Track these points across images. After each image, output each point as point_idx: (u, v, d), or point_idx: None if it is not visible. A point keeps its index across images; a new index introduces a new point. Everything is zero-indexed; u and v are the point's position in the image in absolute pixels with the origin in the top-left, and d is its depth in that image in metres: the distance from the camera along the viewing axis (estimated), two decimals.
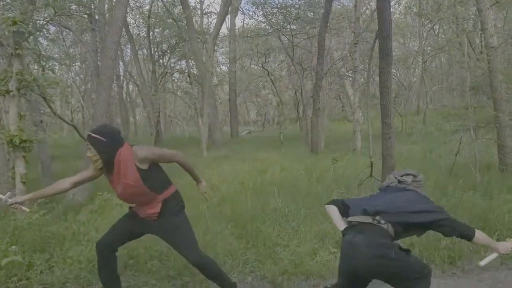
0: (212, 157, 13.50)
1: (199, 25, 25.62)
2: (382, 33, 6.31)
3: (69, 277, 4.17)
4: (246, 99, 38.76)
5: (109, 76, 8.59)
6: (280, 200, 6.23)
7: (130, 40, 21.71)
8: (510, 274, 4.16)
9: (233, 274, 4.24)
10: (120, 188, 3.25)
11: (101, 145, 3.16)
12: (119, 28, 8.61)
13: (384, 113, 6.56)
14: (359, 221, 2.90)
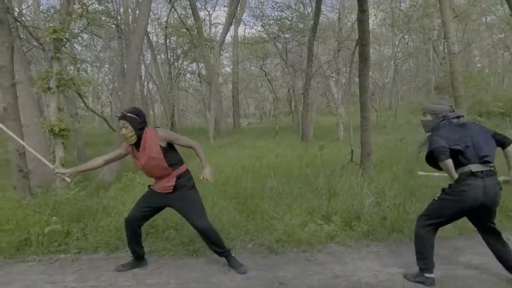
0: (217, 145, 13.48)
1: (208, 33, 25.41)
2: (361, 41, 6.27)
3: (100, 243, 4.20)
4: (246, 96, 38.58)
5: (133, 77, 8.54)
6: (275, 181, 6.20)
7: (150, 46, 21.55)
8: (466, 242, 4.19)
9: (236, 242, 4.26)
10: (144, 160, 3.33)
11: (136, 122, 3.30)
12: (142, 36, 8.54)
13: (362, 108, 6.54)
14: (482, 170, 3.01)
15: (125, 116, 3.29)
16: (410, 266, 3.63)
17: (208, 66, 17.92)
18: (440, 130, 3.13)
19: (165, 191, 3.44)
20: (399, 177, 6.12)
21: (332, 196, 5.36)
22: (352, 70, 9.86)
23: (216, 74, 16.72)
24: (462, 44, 21.27)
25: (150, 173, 3.46)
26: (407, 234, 4.32)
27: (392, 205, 4.90)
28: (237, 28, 24.79)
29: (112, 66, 27.02)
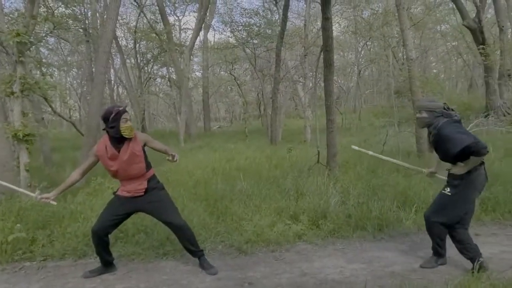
0: (188, 148, 13.33)
1: (177, 38, 25.14)
2: (325, 48, 6.37)
3: (67, 249, 4.04)
4: (217, 100, 38.33)
5: (101, 81, 8.31)
6: (245, 183, 6.20)
7: (119, 50, 21.05)
8: (424, 237, 4.28)
9: (207, 243, 4.20)
10: (126, 156, 3.34)
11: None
12: (110, 40, 8.32)
13: (328, 112, 6.64)
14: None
15: (127, 112, 3.39)
16: (373, 261, 3.70)
17: (178, 71, 17.72)
18: (451, 127, 3.21)
19: (136, 194, 3.41)
20: (363, 176, 6.25)
21: (299, 196, 5.40)
22: (318, 75, 10.02)
23: (186, 78, 16.55)
24: (419, 51, 22.05)
25: (126, 172, 3.39)
26: (370, 231, 4.41)
27: (356, 203, 4.99)
28: (206, 34, 24.62)
29: (80, 70, 26.23)
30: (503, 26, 13.45)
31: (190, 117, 18.35)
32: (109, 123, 3.33)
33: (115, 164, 3.37)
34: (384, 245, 4.16)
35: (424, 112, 3.35)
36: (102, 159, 3.40)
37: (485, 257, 3.56)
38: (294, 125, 23.04)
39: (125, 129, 3.33)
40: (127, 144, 3.38)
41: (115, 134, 3.34)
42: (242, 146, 12.73)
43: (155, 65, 23.54)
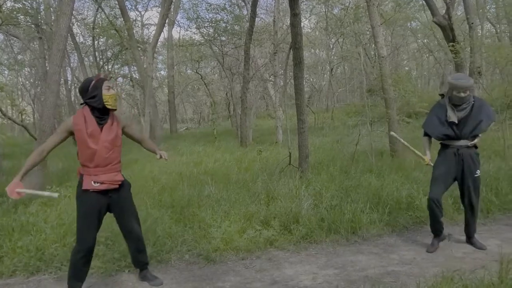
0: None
1: (139, 35, 24.72)
2: (295, 45, 6.42)
3: (18, 265, 3.86)
4: (183, 100, 38.00)
5: (56, 81, 8.02)
6: (213, 188, 6.16)
7: (76, 48, 20.45)
8: (398, 239, 4.41)
9: (172, 253, 4.13)
10: (112, 136, 3.09)
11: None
12: (64, 37, 8.06)
13: (298, 111, 6.69)
14: None
15: (109, 80, 3.17)
16: (346, 266, 3.75)
17: (141, 70, 17.39)
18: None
19: (112, 187, 3.12)
20: (336, 178, 6.33)
21: (270, 200, 5.41)
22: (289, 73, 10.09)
23: (149, 77, 16.25)
24: (390, 48, 22.67)
25: (105, 156, 3.06)
26: (343, 235, 4.48)
27: (329, 206, 5.04)
28: (171, 30, 24.35)
29: (33, 69, 25.33)
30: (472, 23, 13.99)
31: (155, 119, 18.05)
32: (89, 93, 3.04)
33: (98, 143, 3.03)
34: (358, 248, 4.23)
35: (468, 90, 3.76)
36: (80, 135, 3.01)
37: (458, 257, 3.70)
38: (265, 125, 23.14)
39: (108, 98, 3.05)
40: (111, 121, 3.11)
41: (98, 104, 3.02)
42: (211, 149, 12.65)
43: (116, 64, 23.03)
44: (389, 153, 8.71)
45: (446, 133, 3.89)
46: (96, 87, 3.05)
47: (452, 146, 3.91)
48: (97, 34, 19.60)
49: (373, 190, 5.52)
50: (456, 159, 3.89)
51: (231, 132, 19.77)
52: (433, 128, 4.00)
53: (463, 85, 3.75)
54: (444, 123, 3.88)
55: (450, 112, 3.86)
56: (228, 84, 20.05)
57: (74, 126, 3.02)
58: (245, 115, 13.97)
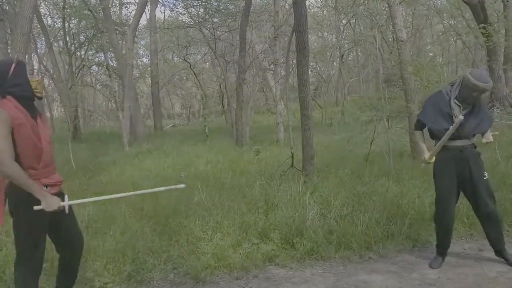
0: (134, 152, 13.07)
1: (117, 16, 24.67)
2: (298, 27, 6.41)
3: None
4: (169, 92, 38.00)
5: None
6: (204, 194, 6.15)
7: (43, 31, 20.41)
8: (420, 256, 4.39)
9: (155, 272, 4.10)
10: (47, 130, 3.05)
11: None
12: (29, 19, 8.05)
13: (302, 105, 6.69)
14: None
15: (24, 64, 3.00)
16: (358, 287, 3.74)
17: (119, 56, 17.38)
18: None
19: (60, 189, 3.07)
20: (346, 183, 6.32)
21: (270, 209, 5.38)
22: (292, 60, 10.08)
23: (129, 66, 16.24)
24: (411, 31, 22.69)
25: (50, 154, 2.99)
26: (356, 250, 4.46)
27: (338, 216, 5.01)
28: (154, 10, 24.24)
29: None
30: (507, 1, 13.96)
31: (136, 114, 18.04)
32: (10, 80, 2.84)
33: (38, 139, 2.89)
34: (373, 266, 4.21)
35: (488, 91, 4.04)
36: (24, 130, 2.80)
37: (491, 277, 3.68)
38: (265, 122, 23.14)
39: (36, 84, 2.94)
40: (39, 114, 3.01)
41: (24, 91, 2.88)
42: (202, 149, 12.66)
43: (90, 50, 23.01)
44: (410, 154, 8.68)
45: (446, 127, 3.86)
46: (20, 73, 2.89)
47: (454, 146, 3.91)
48: (68, 15, 19.57)
49: (390, 197, 5.50)
50: (460, 161, 3.89)
51: (225, 130, 19.79)
52: (432, 121, 4.00)
53: (486, 88, 3.83)
54: (447, 117, 3.89)
55: (455, 105, 3.91)
56: (222, 74, 20.07)
57: (15, 120, 2.76)
58: (241, 110, 13.97)
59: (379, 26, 14.62)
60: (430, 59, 22.40)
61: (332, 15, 27.15)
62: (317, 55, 25.02)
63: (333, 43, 28.27)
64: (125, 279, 3.92)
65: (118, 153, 13.10)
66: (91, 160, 11.25)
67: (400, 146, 9.53)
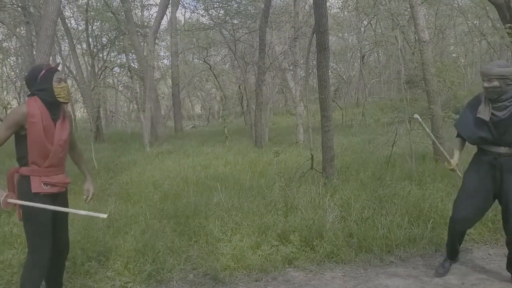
0: (154, 153, 13.17)
1: (139, 18, 24.98)
2: (319, 28, 6.38)
3: (0, 282, 3.92)
4: (190, 93, 38.26)
5: None
6: (223, 195, 6.17)
7: (67, 33, 20.78)
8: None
9: (174, 272, 4.14)
10: (66, 134, 3.18)
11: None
12: (53, 21, 8.19)
13: (322, 106, 6.65)
14: None
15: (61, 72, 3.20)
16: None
17: (141, 58, 17.55)
18: None
19: (62, 190, 3.23)
20: (367, 185, 6.27)
21: (289, 210, 5.39)
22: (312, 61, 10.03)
23: (150, 67, 16.39)
24: (433, 31, 22.34)
25: (60, 156, 3.15)
26: (377, 254, 4.41)
27: (359, 219, 4.99)
28: (175, 12, 24.54)
29: (20, 59, 25.84)
30: None
31: (156, 115, 18.20)
32: (38, 84, 3.07)
33: (50, 141, 3.07)
34: (394, 270, 4.15)
35: (496, 80, 3.40)
36: (36, 129, 3.00)
37: None
38: (284, 123, 23.09)
39: (60, 90, 3.09)
40: (62, 117, 3.17)
41: (48, 97, 3.06)
42: (221, 150, 12.69)
43: (112, 52, 23.30)
44: (433, 157, 8.56)
45: (480, 135, 3.57)
46: (46, 79, 3.08)
47: (490, 152, 3.58)
48: (91, 18, 19.84)
49: (412, 200, 5.43)
50: (492, 169, 3.56)
51: (245, 131, 19.81)
52: (466, 128, 3.70)
53: (485, 72, 3.50)
54: (479, 122, 3.56)
55: (483, 107, 3.55)
56: (241, 76, 20.09)
57: (30, 118, 2.98)
58: (260, 111, 13.95)
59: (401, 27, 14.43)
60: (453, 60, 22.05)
61: (352, 16, 26.95)
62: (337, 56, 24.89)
63: (354, 44, 28.06)
64: (145, 279, 3.96)
65: (139, 153, 13.22)
66: (112, 160, 11.38)
67: (422, 148, 9.40)
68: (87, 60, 23.55)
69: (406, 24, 18.16)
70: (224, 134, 16.55)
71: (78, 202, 5.97)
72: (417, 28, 8.75)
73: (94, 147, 11.25)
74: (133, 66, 20.92)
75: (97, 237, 4.66)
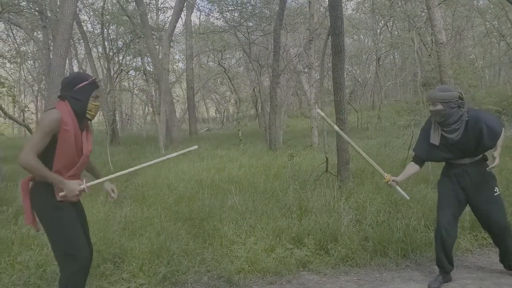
0: None
1: (154, 21, 25.20)
2: (334, 30, 6.38)
3: (17, 283, 3.98)
4: (204, 96, 38.46)
5: (60, 74, 8.32)
6: (238, 198, 6.19)
7: (83, 37, 21.08)
8: (459, 264, 4.25)
9: (189, 274, 4.16)
10: (90, 146, 3.15)
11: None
12: (69, 25, 8.36)
13: (337, 109, 6.64)
14: None
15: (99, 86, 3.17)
16: None
17: (156, 61, 17.73)
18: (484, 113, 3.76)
19: (80, 197, 3.18)
20: (383, 189, 6.22)
21: (303, 214, 5.39)
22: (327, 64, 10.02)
23: (165, 70, 16.56)
24: (451, 33, 22.11)
25: (83, 166, 3.16)
26: (392, 258, 4.38)
27: (374, 223, 4.96)
28: (190, 15, 24.72)
29: (37, 62, 26.27)
30: None
31: (171, 118, 18.37)
32: (74, 92, 2.99)
33: (85, 151, 3.08)
34: (410, 274, 4.13)
35: (439, 104, 3.57)
36: (68, 137, 2.93)
37: None
38: (299, 126, 23.07)
39: (93, 107, 3.06)
40: (87, 129, 3.15)
41: (79, 108, 3.01)
42: (235, 153, 12.73)
43: (128, 55, 23.55)
44: None
45: (443, 156, 3.78)
46: (85, 91, 3.03)
47: (456, 164, 3.77)
48: (106, 21, 20.08)
49: (429, 204, 5.38)
50: (463, 180, 3.73)
51: (259, 134, 19.83)
52: (427, 152, 3.87)
53: (429, 96, 3.71)
54: (435, 146, 3.76)
55: (432, 131, 3.76)
56: (256, 78, 20.13)
57: (63, 125, 2.90)
58: (274, 114, 13.97)
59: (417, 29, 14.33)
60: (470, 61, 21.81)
61: (368, 18, 26.83)
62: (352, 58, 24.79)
63: (370, 46, 27.94)
64: (160, 281, 3.99)
65: (154, 156, 13.33)
66: (128, 163, 11.49)
67: None
68: (103, 63, 23.81)
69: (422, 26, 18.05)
70: (238, 137, 16.62)
71: (94, 205, 6.07)
72: (434, 29, 8.72)
73: (110, 150, 11.38)
74: (148, 69, 21.13)
75: (112, 239, 4.71)
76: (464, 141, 3.61)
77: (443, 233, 3.70)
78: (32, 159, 2.80)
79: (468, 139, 3.59)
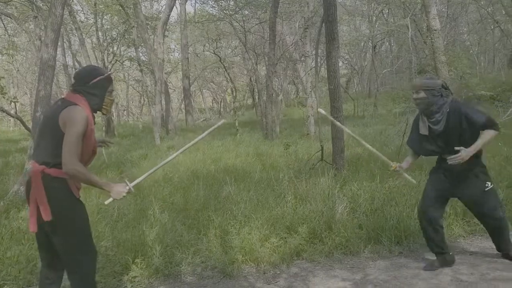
0: (165, 147, 13.25)
1: (148, 10, 25.00)
2: (327, 18, 6.32)
3: (7, 279, 3.94)
4: (201, 86, 38.27)
5: (51, 66, 8.21)
6: (233, 188, 6.17)
7: (76, 28, 20.87)
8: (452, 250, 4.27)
9: (182, 266, 4.14)
10: (96, 141, 3.05)
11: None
12: (59, 15, 8.25)
13: (332, 97, 6.61)
14: None
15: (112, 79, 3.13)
16: (388, 282, 3.66)
17: (150, 51, 17.60)
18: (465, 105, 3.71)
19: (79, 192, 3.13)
20: (377, 176, 6.21)
21: (298, 202, 5.37)
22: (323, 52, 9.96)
23: (160, 60, 16.45)
24: (445, 19, 21.99)
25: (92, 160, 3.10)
26: (386, 245, 4.38)
27: (368, 210, 4.96)
28: (184, 4, 24.46)
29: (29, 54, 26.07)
30: None
31: (167, 109, 18.32)
32: (90, 87, 2.91)
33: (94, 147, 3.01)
34: (403, 261, 4.12)
35: (422, 91, 3.62)
36: (90, 136, 2.87)
37: None
38: (296, 115, 23.02)
39: (109, 102, 3.03)
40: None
41: (95, 104, 2.95)
42: (232, 143, 12.71)
43: (122, 45, 23.38)
44: None
45: (429, 148, 3.81)
46: (102, 86, 2.97)
47: (446, 159, 3.69)
48: (99, 11, 19.89)
49: (422, 190, 5.35)
50: (449, 174, 3.76)
51: (256, 123, 19.80)
52: (415, 144, 3.96)
53: (413, 84, 3.78)
54: (423, 137, 3.81)
55: (421, 123, 3.80)
56: (252, 67, 20.03)
57: (90, 125, 2.84)
58: (270, 103, 13.92)
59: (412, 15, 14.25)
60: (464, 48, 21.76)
61: (363, 5, 26.66)
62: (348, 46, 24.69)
63: (365, 34, 27.79)
64: (153, 273, 3.97)
65: (149, 147, 13.29)
66: (123, 154, 11.45)
67: None
68: (97, 54, 23.63)
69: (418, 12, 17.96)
70: (235, 126, 16.59)
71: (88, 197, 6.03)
72: (428, 16, 8.65)
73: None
74: (143, 60, 20.99)
75: (104, 233, 4.68)
76: (447, 132, 3.63)
77: (421, 219, 3.89)
78: (78, 165, 2.71)
79: (450, 131, 3.61)
